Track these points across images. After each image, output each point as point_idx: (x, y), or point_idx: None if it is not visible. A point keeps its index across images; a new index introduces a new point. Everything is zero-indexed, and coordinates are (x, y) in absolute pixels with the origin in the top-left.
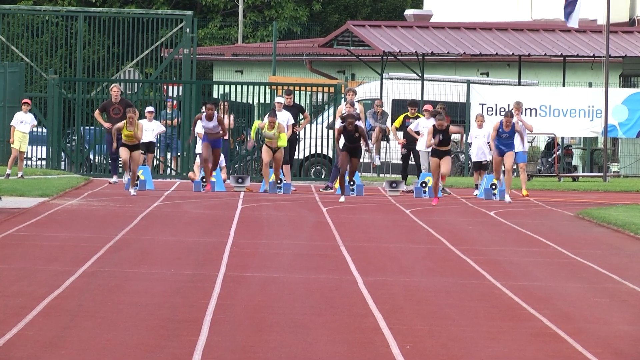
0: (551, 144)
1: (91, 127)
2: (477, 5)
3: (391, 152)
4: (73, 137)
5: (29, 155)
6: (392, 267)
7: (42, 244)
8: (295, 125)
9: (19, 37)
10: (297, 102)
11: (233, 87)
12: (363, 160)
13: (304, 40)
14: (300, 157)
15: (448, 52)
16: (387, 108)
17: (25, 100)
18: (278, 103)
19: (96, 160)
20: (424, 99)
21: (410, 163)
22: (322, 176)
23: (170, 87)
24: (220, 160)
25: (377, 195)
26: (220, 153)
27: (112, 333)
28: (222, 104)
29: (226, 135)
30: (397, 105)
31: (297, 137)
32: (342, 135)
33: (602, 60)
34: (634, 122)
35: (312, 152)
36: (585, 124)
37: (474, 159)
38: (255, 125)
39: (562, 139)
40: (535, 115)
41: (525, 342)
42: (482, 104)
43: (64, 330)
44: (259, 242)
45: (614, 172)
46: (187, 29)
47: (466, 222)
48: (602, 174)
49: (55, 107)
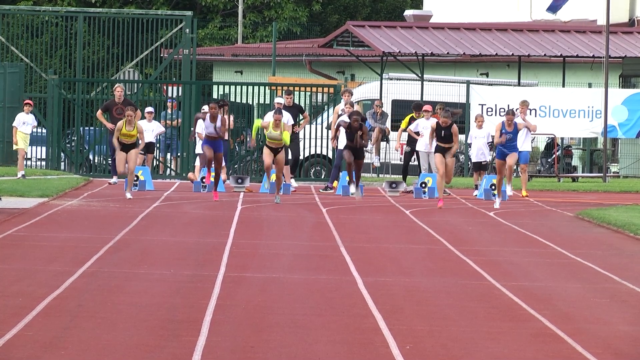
0: (551, 145)
1: (91, 128)
2: (477, 5)
3: (391, 152)
4: (73, 138)
5: (29, 156)
6: (392, 268)
7: (42, 244)
8: (295, 125)
9: (19, 37)
10: (296, 103)
11: (233, 87)
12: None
13: (303, 41)
14: (300, 157)
15: (448, 53)
16: (387, 108)
17: (27, 101)
18: (277, 103)
19: (96, 161)
20: (424, 99)
21: (412, 163)
22: (322, 176)
23: (170, 88)
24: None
25: (376, 196)
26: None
27: (112, 333)
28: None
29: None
30: (397, 105)
31: (298, 137)
32: (345, 131)
33: (601, 61)
34: (634, 122)
35: (311, 152)
36: (584, 124)
37: (473, 160)
38: (256, 124)
39: (562, 139)
40: (535, 116)
41: (525, 343)
42: (482, 105)
43: (64, 331)
44: (258, 243)
45: (613, 172)
46: (187, 30)
47: (466, 222)
48: (601, 174)
49: (54, 108)
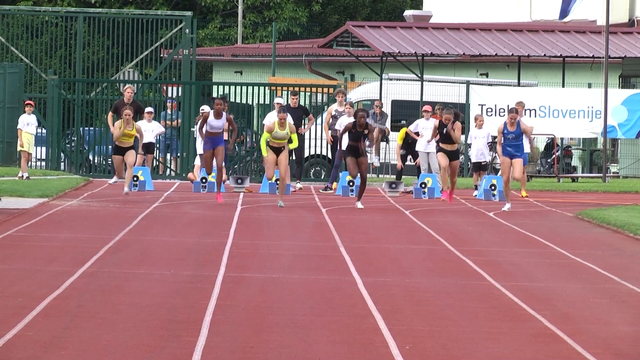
0: (550, 145)
1: (91, 128)
2: (477, 6)
3: (390, 152)
4: (72, 138)
5: None
6: (392, 268)
7: (42, 244)
8: (299, 127)
9: (19, 37)
10: (301, 104)
11: (233, 87)
12: None
13: (303, 41)
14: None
15: (447, 53)
16: (387, 109)
17: (28, 102)
18: (277, 104)
19: (96, 161)
20: (424, 99)
21: (408, 163)
22: (322, 177)
23: (169, 88)
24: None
25: (376, 196)
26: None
27: (112, 334)
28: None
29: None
30: (397, 106)
31: (303, 139)
32: (349, 132)
33: (601, 61)
34: (634, 122)
35: (311, 152)
36: (584, 124)
37: (473, 160)
38: (264, 137)
39: (562, 139)
40: (535, 116)
41: (525, 343)
42: (482, 105)
43: (64, 331)
44: (258, 243)
45: (613, 172)
46: (187, 30)
47: (466, 222)
48: (601, 174)
49: (54, 108)
